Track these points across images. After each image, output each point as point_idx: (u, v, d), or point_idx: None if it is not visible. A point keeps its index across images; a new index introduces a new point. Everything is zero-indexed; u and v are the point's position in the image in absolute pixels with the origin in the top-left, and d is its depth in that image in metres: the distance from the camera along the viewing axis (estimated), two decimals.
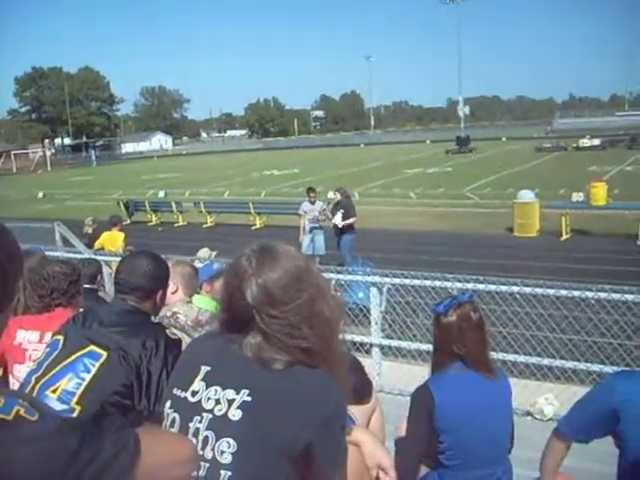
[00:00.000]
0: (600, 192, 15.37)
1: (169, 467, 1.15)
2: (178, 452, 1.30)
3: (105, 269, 7.58)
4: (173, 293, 3.43)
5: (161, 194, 28.28)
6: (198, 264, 4.91)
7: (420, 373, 4.35)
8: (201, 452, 1.38)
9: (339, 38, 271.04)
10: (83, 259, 5.71)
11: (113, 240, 10.17)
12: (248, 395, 1.38)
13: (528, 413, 5.11)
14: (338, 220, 11.92)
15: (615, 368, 4.83)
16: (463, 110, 72.90)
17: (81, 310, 2.63)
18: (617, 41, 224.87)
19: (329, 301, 1.49)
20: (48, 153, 75.33)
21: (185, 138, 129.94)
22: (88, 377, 2.16)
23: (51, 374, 2.19)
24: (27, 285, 3.22)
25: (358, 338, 5.97)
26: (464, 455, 2.50)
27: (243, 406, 1.38)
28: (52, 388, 2.15)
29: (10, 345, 2.82)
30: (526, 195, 16.10)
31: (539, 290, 5.24)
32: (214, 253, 6.19)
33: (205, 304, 3.61)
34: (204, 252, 6.31)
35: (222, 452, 1.36)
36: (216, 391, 1.42)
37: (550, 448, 2.34)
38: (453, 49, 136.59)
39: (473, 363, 2.52)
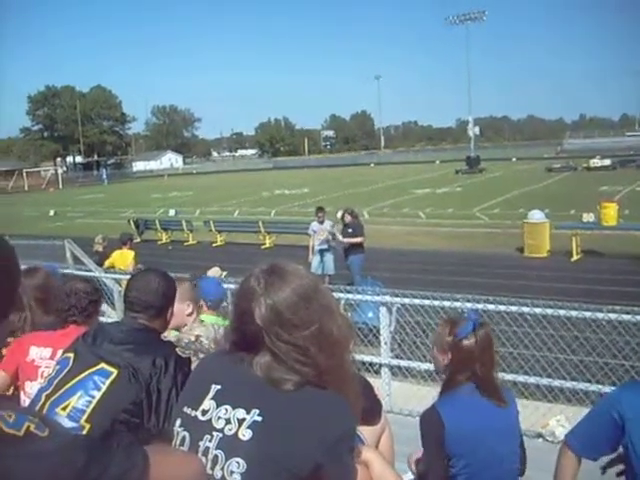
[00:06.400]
0: (611, 212, 15.33)
1: None
2: (187, 470, 1.31)
3: (115, 287, 7.63)
4: (189, 315, 3.39)
5: (171, 213, 28.45)
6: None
7: (429, 393, 4.32)
8: (210, 471, 1.37)
9: (349, 58, 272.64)
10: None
11: (123, 258, 10.23)
12: (259, 415, 1.38)
13: (539, 435, 5.07)
14: (344, 238, 12.07)
15: None
16: (473, 130, 72.98)
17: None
18: (627, 61, 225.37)
19: (339, 321, 1.48)
20: (60, 171, 75.96)
21: (196, 157, 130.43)
22: (98, 395, 2.16)
23: (61, 392, 2.18)
24: (32, 303, 3.23)
25: (367, 358, 5.95)
26: (474, 479, 2.48)
27: (253, 426, 1.37)
28: (62, 406, 2.15)
29: (23, 362, 2.82)
30: (536, 215, 16.06)
31: (550, 311, 5.22)
32: (225, 273, 6.21)
33: (215, 321, 3.59)
34: (215, 271, 6.33)
35: (231, 472, 1.35)
36: (226, 410, 1.41)
37: (561, 465, 2.32)
38: (462, 69, 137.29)
39: (482, 384, 2.50)
